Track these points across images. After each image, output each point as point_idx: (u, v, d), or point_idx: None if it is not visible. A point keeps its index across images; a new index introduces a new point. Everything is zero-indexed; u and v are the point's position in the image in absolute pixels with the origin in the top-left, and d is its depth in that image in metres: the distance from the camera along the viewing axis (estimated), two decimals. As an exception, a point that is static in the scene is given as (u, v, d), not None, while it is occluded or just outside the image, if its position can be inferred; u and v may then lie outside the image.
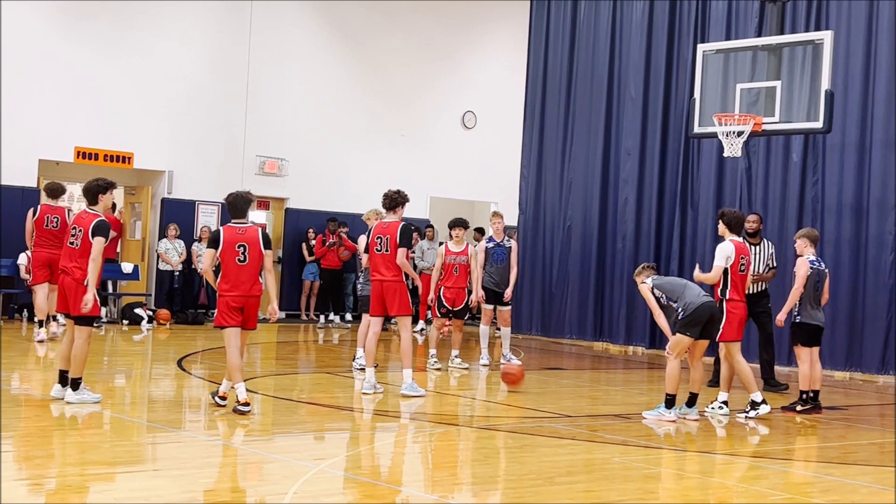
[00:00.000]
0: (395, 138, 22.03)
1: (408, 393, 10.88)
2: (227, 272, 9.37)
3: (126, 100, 19.03)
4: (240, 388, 9.21)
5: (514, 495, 7.05)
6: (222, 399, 9.45)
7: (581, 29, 19.59)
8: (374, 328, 11.14)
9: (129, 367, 13.46)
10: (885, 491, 7.66)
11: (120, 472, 7.06)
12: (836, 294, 15.56)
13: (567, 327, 19.26)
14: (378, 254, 10.98)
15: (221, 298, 9.38)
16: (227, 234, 9.41)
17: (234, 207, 9.57)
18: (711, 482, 7.97)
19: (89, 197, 9.77)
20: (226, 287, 9.37)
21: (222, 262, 9.41)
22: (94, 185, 9.71)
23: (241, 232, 9.41)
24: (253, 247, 9.37)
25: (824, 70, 13.38)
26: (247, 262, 9.35)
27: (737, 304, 10.77)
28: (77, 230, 9.53)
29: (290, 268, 20.90)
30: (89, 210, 9.67)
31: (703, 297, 10.30)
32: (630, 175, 18.50)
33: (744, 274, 10.88)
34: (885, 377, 15.04)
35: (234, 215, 9.57)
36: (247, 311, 9.43)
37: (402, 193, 11.19)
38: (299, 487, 6.71)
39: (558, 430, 9.56)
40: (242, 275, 9.35)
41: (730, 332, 10.73)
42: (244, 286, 9.36)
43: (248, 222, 9.57)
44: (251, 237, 9.40)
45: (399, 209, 11.11)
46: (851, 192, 15.64)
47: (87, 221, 9.49)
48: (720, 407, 10.91)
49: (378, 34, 21.86)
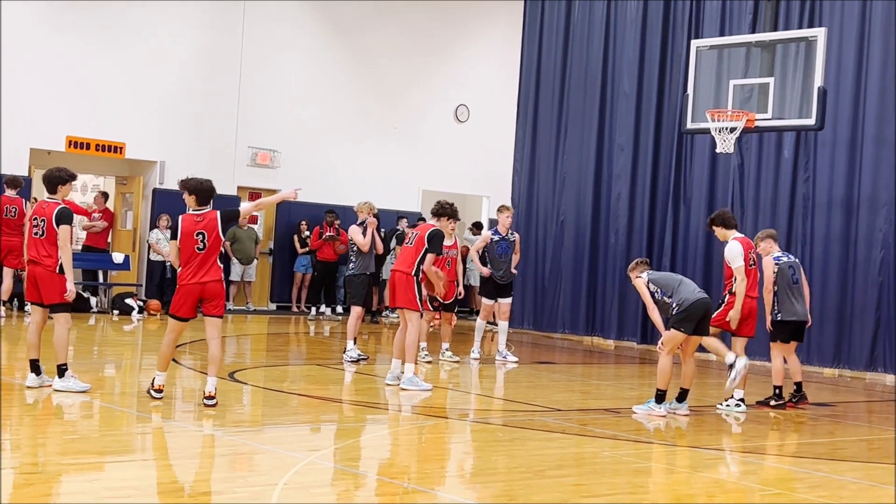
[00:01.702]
0: (387, 131, 22.00)
1: (408, 387, 10.87)
2: (186, 261, 9.13)
3: (118, 89, 18.97)
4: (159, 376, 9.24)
5: (503, 488, 7.06)
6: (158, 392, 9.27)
7: (575, 23, 19.59)
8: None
9: (119, 358, 13.44)
10: (874, 487, 7.69)
11: (109, 462, 7.06)
12: (825, 290, 15.63)
13: (559, 321, 19.29)
14: (406, 246, 11.37)
15: (181, 288, 9.15)
16: (184, 224, 9.17)
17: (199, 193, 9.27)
18: (701, 477, 7.98)
19: (49, 186, 9.65)
20: (184, 274, 9.13)
21: (181, 252, 9.15)
22: (56, 175, 9.62)
23: (200, 220, 9.16)
24: (211, 233, 9.08)
25: (817, 67, 13.41)
26: (205, 249, 9.10)
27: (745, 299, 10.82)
28: (39, 220, 9.48)
29: (282, 260, 20.88)
30: (49, 199, 9.60)
31: (697, 293, 10.32)
32: (623, 170, 18.52)
33: (753, 268, 10.92)
34: (872, 374, 15.09)
35: (198, 202, 9.28)
36: (208, 299, 9.16)
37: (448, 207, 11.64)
38: (290, 478, 6.71)
39: (549, 423, 9.57)
40: (198, 262, 9.08)
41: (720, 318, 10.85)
42: (200, 273, 9.09)
43: (207, 208, 9.26)
44: (209, 224, 9.12)
45: (442, 219, 11.51)
46: (842, 189, 15.68)
47: (49, 211, 9.45)
48: (737, 405, 10.95)
49: (371, 26, 21.82)
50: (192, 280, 9.13)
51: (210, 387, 9.10)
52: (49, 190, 9.68)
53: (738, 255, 10.83)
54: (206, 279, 9.12)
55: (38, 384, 9.51)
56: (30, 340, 9.59)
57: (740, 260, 10.81)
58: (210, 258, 9.14)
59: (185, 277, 9.16)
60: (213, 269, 9.16)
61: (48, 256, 9.40)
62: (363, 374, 12.40)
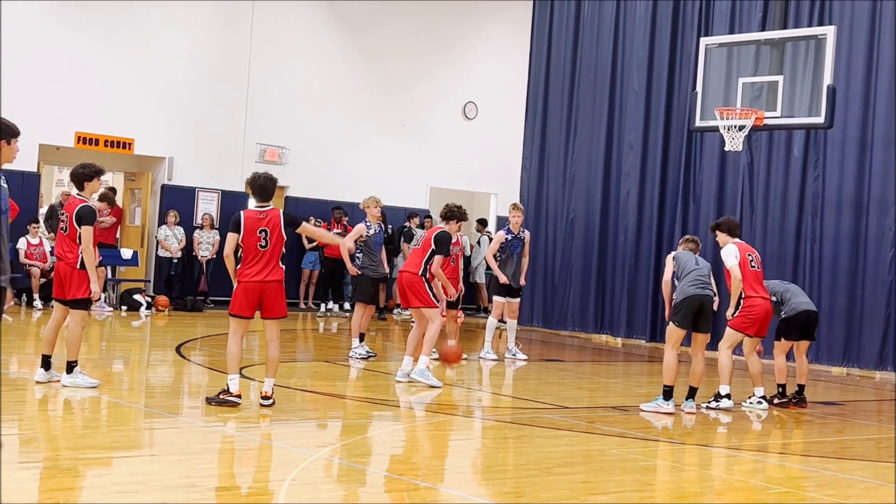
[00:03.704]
0: (395, 128, 22.00)
1: (418, 378, 10.88)
2: (248, 257, 9.05)
3: (127, 85, 19.00)
4: (233, 379, 8.96)
5: (511, 485, 7.06)
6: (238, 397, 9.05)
7: (584, 20, 19.56)
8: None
9: (127, 353, 13.46)
10: (882, 486, 7.67)
11: (117, 457, 7.07)
12: (835, 289, 15.62)
13: (569, 319, 19.27)
14: (415, 248, 11.51)
15: (240, 285, 9.06)
16: (248, 219, 9.07)
17: (264, 190, 9.16)
18: (708, 475, 7.97)
19: (76, 182, 9.72)
20: (245, 272, 9.05)
21: (243, 248, 9.05)
22: (81, 172, 9.65)
23: (263, 216, 9.09)
24: (274, 231, 9.03)
25: (827, 65, 13.37)
26: (268, 247, 9.06)
27: (753, 299, 10.80)
28: (65, 215, 9.57)
29: (289, 256, 20.83)
30: (76, 196, 9.68)
31: (694, 287, 10.28)
32: (632, 168, 18.49)
33: (756, 270, 10.90)
34: (882, 373, 15.06)
35: (260, 198, 9.19)
36: (267, 299, 9.08)
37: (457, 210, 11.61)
38: (297, 474, 6.72)
39: (556, 421, 9.56)
40: (263, 260, 9.05)
41: (741, 324, 10.79)
42: (264, 272, 9.04)
43: (269, 205, 9.19)
44: (273, 221, 9.06)
45: (451, 222, 11.53)
46: (852, 188, 15.64)
47: (72, 207, 9.51)
48: (758, 402, 10.95)
49: (380, 23, 21.82)
50: (256, 278, 9.01)
51: (267, 387, 9.03)
52: (77, 187, 9.77)
53: (732, 255, 10.82)
54: (269, 279, 9.05)
55: (47, 379, 9.53)
56: (46, 336, 9.60)
57: (734, 259, 10.80)
58: (274, 257, 9.06)
59: (245, 274, 9.04)
60: (277, 270, 9.09)
61: (70, 252, 9.45)
62: (371, 370, 12.41)
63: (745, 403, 11.05)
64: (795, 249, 16.18)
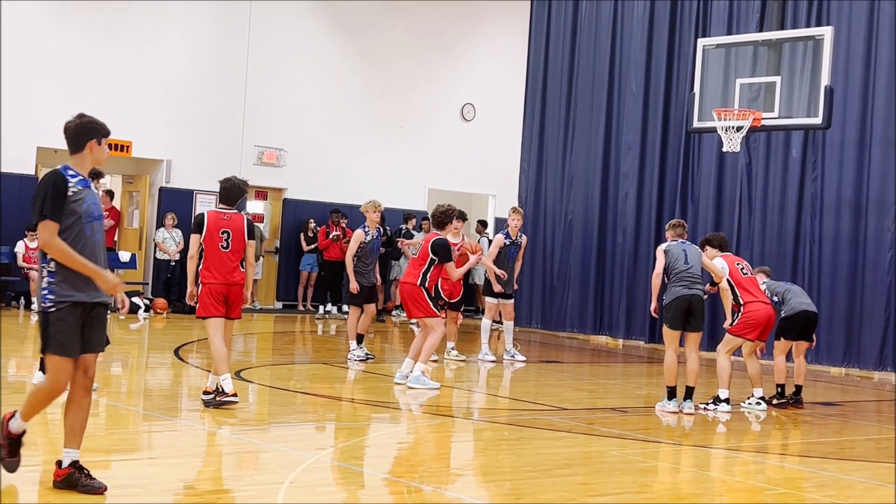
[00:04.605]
0: (393, 130, 22.00)
1: (415, 385, 10.87)
2: (210, 259, 9.12)
3: (125, 88, 18.98)
4: (226, 379, 8.98)
5: (510, 487, 7.05)
6: (207, 395, 9.18)
7: (582, 22, 19.56)
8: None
9: (125, 356, 13.45)
10: (881, 487, 7.66)
11: (116, 460, 7.05)
12: (834, 290, 15.62)
13: (567, 320, 19.27)
14: (413, 258, 11.55)
15: (204, 287, 9.11)
16: (211, 219, 9.15)
17: (228, 195, 9.27)
18: (708, 476, 7.97)
19: None
20: (208, 275, 9.10)
21: (205, 249, 9.12)
22: None
23: (226, 218, 9.15)
24: (236, 234, 9.09)
25: (824, 66, 13.38)
26: (229, 248, 9.09)
27: (752, 304, 10.83)
28: None
29: (288, 258, 20.88)
30: None
31: (683, 287, 10.35)
32: (630, 169, 18.49)
33: (749, 276, 10.95)
34: (880, 373, 15.06)
35: (225, 202, 9.30)
36: (230, 300, 9.13)
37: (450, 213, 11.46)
38: (295, 477, 6.71)
39: (555, 422, 9.56)
40: (224, 262, 9.08)
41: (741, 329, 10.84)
42: (226, 274, 9.08)
43: (233, 209, 9.27)
44: (236, 224, 9.13)
45: (447, 226, 11.41)
46: (851, 189, 15.65)
47: None
48: (757, 403, 10.97)
49: (378, 25, 21.81)
50: (217, 280, 9.07)
51: (229, 385, 9.02)
52: None
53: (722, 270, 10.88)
54: (232, 281, 9.10)
55: (45, 382, 9.50)
56: None
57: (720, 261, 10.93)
58: (236, 259, 9.09)
59: (208, 276, 9.10)
60: (239, 272, 9.11)
61: None
62: (369, 372, 12.40)
63: (743, 404, 11.06)
64: (794, 250, 16.18)
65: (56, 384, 5.88)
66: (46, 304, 5.76)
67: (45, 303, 5.77)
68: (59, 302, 5.76)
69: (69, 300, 5.77)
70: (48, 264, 5.77)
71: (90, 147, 5.99)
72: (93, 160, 6.02)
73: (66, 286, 5.76)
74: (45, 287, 5.77)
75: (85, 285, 5.82)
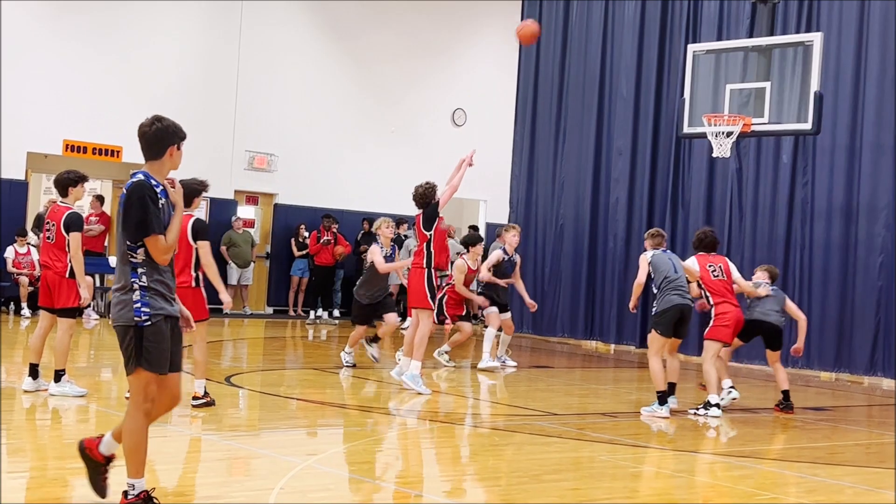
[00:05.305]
0: (384, 135, 22.00)
1: (409, 383, 10.86)
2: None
3: (115, 93, 18.96)
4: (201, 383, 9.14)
5: (500, 493, 7.05)
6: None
7: (573, 27, 19.59)
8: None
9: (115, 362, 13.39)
10: (871, 491, 7.68)
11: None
12: (825, 295, 15.66)
13: (558, 325, 19.27)
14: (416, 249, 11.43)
15: None
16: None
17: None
18: (697, 481, 7.98)
19: (60, 189, 9.63)
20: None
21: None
22: (65, 178, 9.58)
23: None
24: (182, 237, 8.90)
25: (814, 72, 13.41)
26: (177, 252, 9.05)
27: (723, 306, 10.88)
28: (50, 224, 9.51)
29: (279, 263, 20.86)
30: (60, 203, 9.59)
31: (677, 296, 10.50)
32: (621, 174, 18.52)
33: (720, 279, 10.96)
34: (871, 378, 15.09)
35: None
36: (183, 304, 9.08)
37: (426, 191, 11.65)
38: (286, 483, 6.70)
39: (546, 427, 9.56)
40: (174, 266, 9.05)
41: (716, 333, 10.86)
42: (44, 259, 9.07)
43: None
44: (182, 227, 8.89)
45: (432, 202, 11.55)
46: (841, 195, 15.68)
47: (59, 215, 9.46)
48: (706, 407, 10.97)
49: (368, 30, 21.83)
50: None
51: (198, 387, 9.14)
52: (60, 193, 9.66)
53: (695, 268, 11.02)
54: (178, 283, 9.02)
55: (35, 388, 9.51)
56: (33, 345, 9.58)
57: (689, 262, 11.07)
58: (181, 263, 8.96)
59: None
60: (184, 276, 8.97)
61: (58, 261, 9.40)
62: (361, 378, 12.38)
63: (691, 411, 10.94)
64: (785, 256, 16.21)
65: (145, 402, 5.55)
66: (142, 318, 5.43)
67: (139, 316, 5.43)
68: (155, 315, 5.46)
69: (162, 313, 5.50)
70: (139, 278, 5.47)
71: (170, 153, 5.75)
72: (171, 166, 5.75)
73: (159, 299, 5.50)
74: (137, 300, 5.44)
75: (169, 299, 5.58)
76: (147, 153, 5.71)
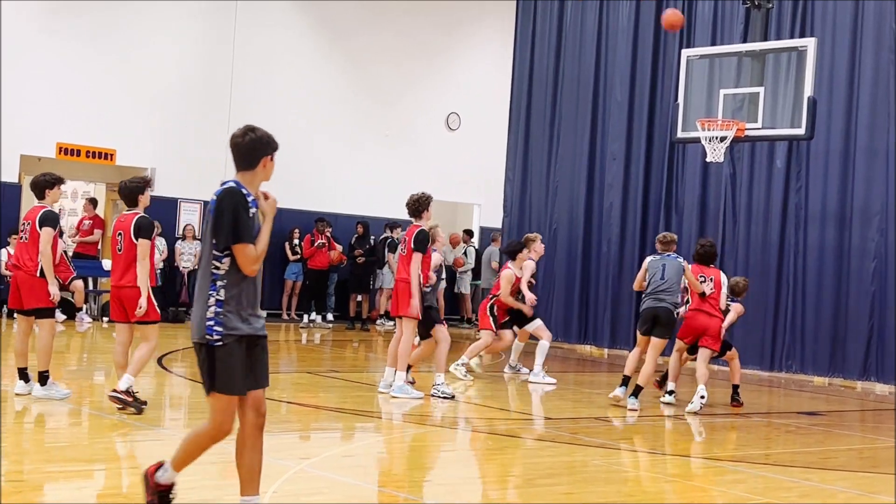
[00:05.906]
0: (379, 138, 21.99)
1: (398, 395, 10.84)
2: (112, 262, 9.21)
3: (109, 96, 18.94)
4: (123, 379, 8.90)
5: (494, 497, 7.04)
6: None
7: (567, 31, 19.61)
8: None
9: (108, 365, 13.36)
10: (864, 496, 7.69)
11: (98, 469, 7.02)
12: (819, 300, 15.69)
13: (552, 330, 19.17)
14: (401, 255, 11.26)
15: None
16: (115, 222, 9.22)
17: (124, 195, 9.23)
18: (690, 485, 7.98)
19: (36, 191, 9.59)
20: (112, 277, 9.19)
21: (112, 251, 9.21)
22: (42, 180, 9.55)
23: (122, 220, 9.11)
24: (125, 235, 8.98)
25: (808, 77, 13.43)
26: (122, 251, 8.99)
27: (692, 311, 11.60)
28: (25, 224, 9.51)
29: (272, 267, 20.82)
30: (38, 205, 9.57)
31: (651, 300, 11.22)
32: (615, 179, 18.53)
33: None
34: (864, 383, 15.11)
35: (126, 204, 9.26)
36: (123, 303, 9.00)
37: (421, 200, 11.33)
38: (279, 486, 6.69)
39: (539, 432, 9.56)
40: (118, 264, 9.03)
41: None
42: (117, 277, 9.02)
43: (131, 210, 9.15)
44: (125, 226, 9.01)
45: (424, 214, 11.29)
46: (835, 200, 15.70)
47: (33, 215, 9.44)
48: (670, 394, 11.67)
49: (364, 33, 21.82)
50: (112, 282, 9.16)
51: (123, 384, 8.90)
52: (37, 196, 9.61)
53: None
54: (120, 283, 9.01)
55: (27, 391, 9.47)
56: (17, 349, 9.54)
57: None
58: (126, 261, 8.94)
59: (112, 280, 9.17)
60: (128, 275, 8.95)
61: (30, 260, 9.35)
62: (354, 381, 12.37)
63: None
64: (779, 261, 16.22)
65: (221, 426, 5.47)
66: (214, 338, 5.26)
67: (210, 335, 5.26)
68: (227, 335, 5.28)
69: (235, 334, 5.31)
70: (217, 292, 5.30)
71: (263, 164, 5.55)
72: (263, 177, 5.57)
73: (234, 318, 5.31)
74: (211, 318, 5.27)
75: (250, 317, 5.40)
76: (239, 163, 5.57)
